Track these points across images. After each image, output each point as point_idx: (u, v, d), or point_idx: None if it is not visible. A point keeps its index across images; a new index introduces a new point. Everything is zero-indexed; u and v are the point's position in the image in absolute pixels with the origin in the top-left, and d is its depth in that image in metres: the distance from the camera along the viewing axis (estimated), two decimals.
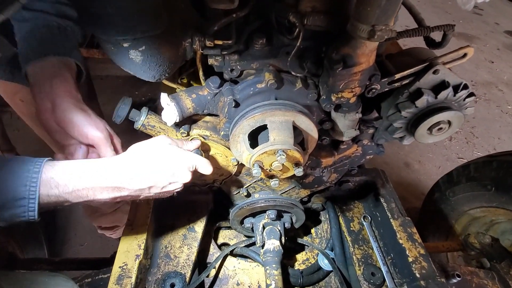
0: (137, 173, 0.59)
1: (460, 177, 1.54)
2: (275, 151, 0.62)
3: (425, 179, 2.50)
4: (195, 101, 0.73)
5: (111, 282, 0.79)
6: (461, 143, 2.86)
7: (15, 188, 0.50)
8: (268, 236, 1.02)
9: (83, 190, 0.56)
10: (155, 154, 0.62)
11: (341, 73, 0.58)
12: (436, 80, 0.68)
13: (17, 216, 0.52)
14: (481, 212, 1.52)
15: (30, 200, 0.51)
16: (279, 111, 0.63)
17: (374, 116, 0.86)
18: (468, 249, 1.53)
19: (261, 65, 0.69)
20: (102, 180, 0.57)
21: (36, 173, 0.52)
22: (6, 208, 0.50)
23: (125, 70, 0.61)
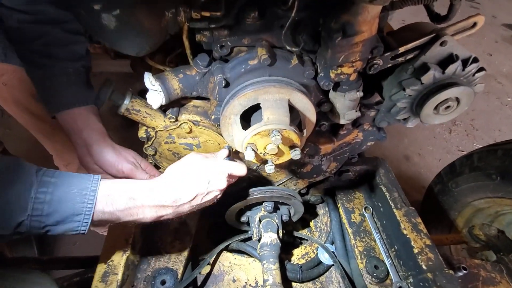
0: (177, 190, 0.64)
1: (463, 168, 1.49)
2: (269, 131, 0.56)
3: (426, 172, 2.46)
4: (183, 81, 0.67)
5: (95, 279, 0.73)
6: (461, 136, 2.82)
7: (74, 205, 0.55)
8: (264, 229, 0.96)
9: (133, 208, 0.61)
10: (189, 169, 0.67)
11: (341, 43, 0.53)
12: (443, 53, 0.63)
13: (70, 230, 0.56)
14: (485, 203, 1.47)
15: (85, 216, 0.56)
16: (273, 88, 0.58)
17: (376, 100, 0.81)
18: (473, 241, 1.48)
19: (253, 40, 0.64)
20: (150, 199, 0.63)
21: (94, 192, 0.57)
22: (64, 223, 0.55)
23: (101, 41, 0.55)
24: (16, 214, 0.51)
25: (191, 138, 0.80)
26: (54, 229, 0.55)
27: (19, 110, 1.21)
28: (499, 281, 1.13)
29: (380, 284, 0.89)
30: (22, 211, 0.51)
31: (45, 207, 0.52)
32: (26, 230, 0.52)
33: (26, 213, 0.51)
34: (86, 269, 1.07)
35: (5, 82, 1.11)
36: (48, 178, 0.54)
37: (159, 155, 0.85)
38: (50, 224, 0.54)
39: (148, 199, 0.62)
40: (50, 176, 0.55)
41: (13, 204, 0.51)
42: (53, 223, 0.54)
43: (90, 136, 0.78)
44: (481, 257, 1.46)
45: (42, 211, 0.52)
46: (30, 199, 0.51)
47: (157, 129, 0.77)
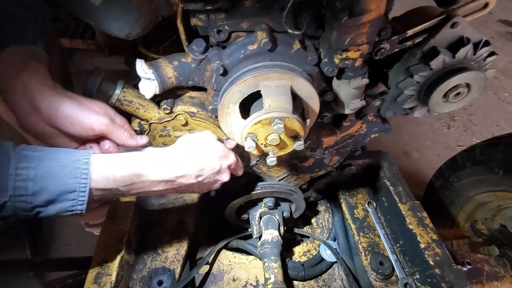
0: (189, 167, 0.58)
1: (465, 162, 1.47)
2: (271, 119, 0.53)
3: (425, 168, 2.44)
4: (178, 69, 0.63)
5: (87, 281, 0.69)
6: (460, 131, 2.81)
7: (65, 181, 0.47)
8: (265, 226, 0.93)
9: (139, 183, 0.54)
10: (204, 149, 0.61)
11: (347, 23, 0.49)
12: (454, 36, 0.59)
13: (65, 210, 0.49)
14: (488, 197, 1.45)
15: (80, 193, 0.48)
16: (275, 73, 0.54)
17: (379, 90, 0.78)
18: (475, 236, 1.46)
19: (252, 24, 0.60)
20: (158, 174, 0.55)
21: (86, 165, 0.49)
22: (55, 203, 0.48)
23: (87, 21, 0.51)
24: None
25: (187, 131, 0.76)
26: (46, 210, 0.47)
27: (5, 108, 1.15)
28: (503, 276, 1.11)
29: (386, 281, 0.86)
30: (3, 191, 0.43)
31: (29, 185, 0.45)
32: (11, 213, 0.45)
33: (7, 193, 0.44)
34: (80, 271, 1.02)
35: None
36: (29, 152, 0.46)
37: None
38: (39, 204, 0.46)
39: (157, 173, 0.55)
40: (32, 150, 0.47)
41: None
42: (42, 203, 0.46)
43: (32, 82, 0.55)
44: (483, 252, 1.44)
45: (27, 190, 0.45)
46: (9, 176, 0.44)
47: (151, 121, 0.73)
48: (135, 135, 0.67)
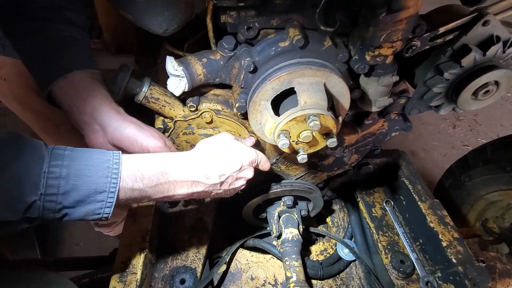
0: (211, 168, 0.59)
1: (476, 161, 1.47)
2: (306, 116, 0.53)
3: (432, 167, 2.45)
4: (206, 66, 0.63)
5: (113, 280, 0.68)
6: (465, 131, 2.82)
7: (96, 180, 0.46)
8: (285, 224, 0.92)
9: (165, 184, 0.54)
10: (225, 150, 0.62)
11: (385, 20, 0.49)
12: (485, 34, 0.59)
13: (92, 214, 0.48)
14: (498, 196, 1.45)
15: (109, 194, 0.47)
16: (309, 70, 0.54)
17: (401, 89, 0.78)
18: (487, 234, 1.46)
19: (283, 21, 0.60)
20: (183, 174, 0.56)
21: (117, 164, 0.49)
22: (84, 204, 0.46)
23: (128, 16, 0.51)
24: (26, 193, 0.42)
25: (211, 128, 0.75)
26: (73, 212, 0.46)
27: (20, 107, 1.15)
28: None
29: (407, 279, 0.86)
30: (33, 189, 0.42)
31: (61, 183, 0.43)
32: (38, 215, 0.43)
33: (38, 191, 0.42)
34: (96, 270, 1.02)
35: (4, 76, 1.05)
36: (60, 151, 0.46)
37: (176, 147, 0.80)
38: (67, 205, 0.45)
39: (181, 173, 0.56)
40: (63, 149, 0.46)
41: (20, 180, 0.41)
42: (71, 204, 0.45)
43: (99, 107, 0.61)
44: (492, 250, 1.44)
45: (58, 189, 0.43)
46: (42, 173, 0.42)
47: (175, 119, 0.72)
48: None
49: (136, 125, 0.64)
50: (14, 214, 0.42)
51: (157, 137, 0.65)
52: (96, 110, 0.61)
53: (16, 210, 0.42)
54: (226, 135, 0.66)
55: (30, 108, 1.13)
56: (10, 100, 1.10)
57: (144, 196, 0.53)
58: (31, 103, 1.11)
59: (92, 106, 0.61)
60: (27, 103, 1.11)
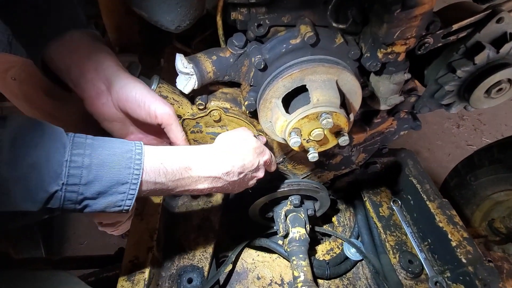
0: (233, 163, 0.58)
1: (483, 160, 1.46)
2: (318, 114, 0.52)
3: (436, 167, 2.44)
4: (216, 64, 0.62)
5: (121, 278, 0.68)
6: (469, 130, 2.80)
7: (119, 171, 0.44)
8: (292, 224, 0.92)
9: (187, 179, 0.53)
10: (244, 146, 0.61)
11: (399, 16, 0.48)
12: (498, 31, 0.59)
13: (113, 205, 0.46)
14: (505, 196, 1.44)
15: (132, 185, 0.46)
16: (321, 67, 0.53)
17: (409, 87, 0.77)
18: (493, 235, 1.45)
19: (293, 18, 0.59)
20: (206, 170, 0.55)
21: (139, 155, 0.47)
22: (106, 195, 0.44)
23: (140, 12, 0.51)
24: (47, 182, 0.40)
25: (219, 127, 0.75)
26: (94, 203, 0.44)
27: (29, 107, 1.15)
28: None
29: (415, 279, 0.85)
30: (55, 178, 0.40)
31: (83, 173, 0.42)
32: (59, 206, 0.42)
33: (60, 180, 0.40)
34: (102, 269, 1.02)
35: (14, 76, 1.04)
36: (82, 139, 0.44)
37: None
38: (89, 196, 0.43)
39: (204, 169, 0.55)
40: (85, 138, 0.44)
41: (42, 168, 0.39)
42: (93, 195, 0.43)
43: (106, 62, 0.56)
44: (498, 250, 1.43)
45: (81, 179, 0.42)
46: (64, 162, 0.40)
47: (184, 117, 0.72)
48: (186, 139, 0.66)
49: (145, 86, 0.59)
50: (34, 204, 0.40)
51: (166, 103, 0.61)
52: (101, 65, 0.56)
53: (37, 200, 0.40)
54: (246, 131, 0.65)
55: (39, 108, 1.12)
56: (19, 99, 1.10)
57: (165, 190, 0.52)
58: (41, 103, 1.11)
59: (96, 61, 0.55)
60: (36, 103, 1.11)
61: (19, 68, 1.00)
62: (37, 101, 1.08)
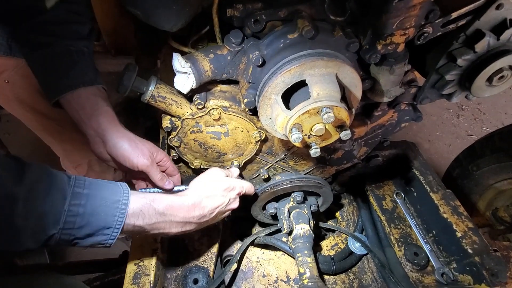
0: (203, 208, 0.68)
1: (484, 149, 1.46)
2: (319, 109, 0.51)
3: (437, 158, 2.44)
4: (214, 62, 0.62)
5: (126, 282, 0.68)
6: (469, 120, 2.80)
7: (106, 218, 0.54)
8: (296, 220, 0.91)
9: (162, 223, 0.62)
10: (214, 187, 0.70)
11: (398, 6, 0.48)
12: (498, 18, 0.58)
13: (97, 243, 0.55)
14: (508, 185, 1.44)
15: (115, 229, 0.55)
16: (320, 61, 0.52)
17: (408, 79, 0.76)
18: (498, 224, 1.45)
19: (290, 12, 0.58)
20: (178, 216, 0.64)
21: (125, 205, 0.56)
22: (93, 236, 0.53)
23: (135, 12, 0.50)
24: (48, 227, 0.48)
25: (219, 126, 0.74)
26: (82, 242, 0.53)
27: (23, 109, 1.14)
28: None
29: (421, 271, 0.85)
30: (54, 224, 0.49)
31: (77, 220, 0.51)
32: (54, 243, 0.50)
33: (58, 226, 0.49)
34: (107, 273, 1.02)
35: (7, 79, 1.03)
36: (80, 189, 0.53)
37: (184, 146, 0.79)
38: (79, 237, 0.52)
39: (177, 215, 0.64)
40: (82, 187, 0.53)
41: (46, 217, 0.48)
42: (82, 236, 0.52)
43: (102, 124, 0.71)
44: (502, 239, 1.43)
45: (74, 224, 0.51)
46: (63, 212, 0.49)
47: (183, 117, 0.71)
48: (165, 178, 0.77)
49: (130, 143, 0.72)
50: (35, 244, 0.49)
51: (146, 156, 0.73)
52: (99, 127, 0.70)
53: (38, 241, 0.49)
54: (217, 172, 0.74)
55: (33, 110, 1.11)
56: (11, 102, 1.09)
57: (142, 231, 0.61)
58: (35, 104, 1.10)
59: (96, 123, 0.70)
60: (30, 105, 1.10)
61: (12, 70, 0.99)
62: (31, 102, 1.08)
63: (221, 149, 0.81)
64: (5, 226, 0.45)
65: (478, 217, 1.53)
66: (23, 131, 1.26)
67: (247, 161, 0.86)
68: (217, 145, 0.79)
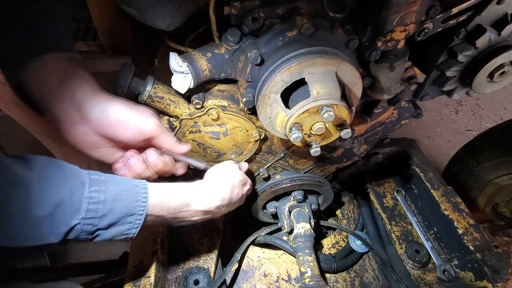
0: (224, 198, 0.66)
1: (484, 145, 1.45)
2: (319, 108, 0.51)
3: (436, 154, 2.44)
4: (211, 61, 0.61)
5: (126, 284, 0.67)
6: (468, 116, 2.79)
7: (129, 204, 0.50)
8: (296, 219, 0.91)
9: (185, 212, 0.60)
10: (232, 181, 0.68)
11: (398, 1, 0.47)
12: (498, 13, 0.57)
13: (120, 234, 0.51)
14: (508, 180, 1.44)
15: (138, 216, 0.51)
16: (320, 59, 0.51)
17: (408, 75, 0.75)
18: (498, 219, 1.45)
19: (289, 10, 0.57)
20: (201, 204, 0.62)
21: (145, 189, 0.53)
22: (116, 225, 0.50)
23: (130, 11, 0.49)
24: (69, 217, 0.45)
25: (218, 125, 0.73)
26: (104, 233, 0.49)
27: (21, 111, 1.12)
28: None
29: (423, 268, 0.85)
30: (76, 213, 0.45)
31: (99, 207, 0.47)
32: (75, 237, 0.46)
33: (80, 215, 0.45)
34: (107, 274, 1.01)
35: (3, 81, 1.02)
36: (96, 176, 0.49)
37: None
38: (102, 227, 0.48)
39: (200, 204, 0.61)
40: (98, 175, 0.49)
41: (65, 205, 0.44)
42: (105, 226, 0.48)
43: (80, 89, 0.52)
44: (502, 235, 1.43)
45: (97, 212, 0.47)
46: (84, 199, 0.45)
47: (181, 117, 0.70)
48: (179, 141, 0.66)
49: (124, 104, 0.56)
50: (56, 237, 0.45)
51: (150, 115, 0.59)
52: (75, 93, 0.52)
53: (59, 234, 0.45)
54: (232, 165, 0.72)
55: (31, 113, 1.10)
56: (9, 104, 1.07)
57: (164, 221, 0.58)
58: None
59: (70, 89, 0.52)
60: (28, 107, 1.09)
61: None
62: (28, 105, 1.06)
63: (220, 149, 0.80)
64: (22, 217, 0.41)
65: (478, 213, 1.53)
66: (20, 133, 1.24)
67: (247, 160, 0.86)
68: (216, 145, 0.78)
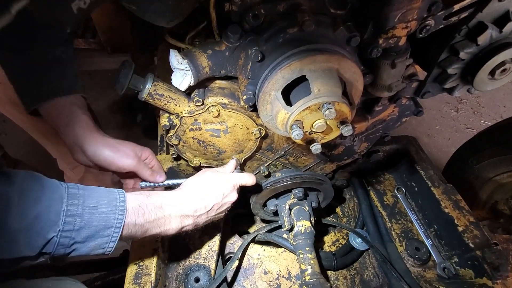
0: (197, 201, 0.67)
1: (484, 143, 1.45)
2: (320, 105, 0.50)
3: (436, 152, 2.44)
4: (212, 58, 0.60)
5: (127, 282, 0.67)
6: (468, 114, 2.79)
7: (106, 217, 0.51)
8: (296, 217, 0.91)
9: (161, 219, 0.61)
10: (206, 184, 0.71)
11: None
12: (500, 10, 0.57)
13: (97, 248, 0.53)
14: (507, 178, 1.44)
15: (115, 228, 0.52)
16: (321, 56, 0.51)
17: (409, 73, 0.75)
18: (497, 216, 1.45)
19: (289, 6, 0.57)
20: (175, 209, 0.64)
21: (123, 202, 0.54)
22: (92, 239, 0.51)
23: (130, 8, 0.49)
24: (46, 230, 0.46)
25: (218, 123, 0.73)
26: (81, 247, 0.51)
27: (17, 111, 1.12)
28: None
29: (423, 266, 0.85)
30: (53, 226, 0.46)
31: (77, 220, 0.49)
32: (52, 250, 0.48)
33: (57, 227, 0.47)
34: (108, 272, 1.01)
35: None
36: (75, 190, 0.51)
37: (183, 144, 0.78)
38: (79, 240, 0.50)
39: (174, 208, 0.63)
40: (77, 188, 0.51)
41: (42, 218, 0.46)
42: (82, 239, 0.50)
43: (78, 133, 0.69)
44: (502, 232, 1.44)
45: (74, 225, 0.48)
46: (61, 212, 0.47)
47: (181, 115, 0.70)
48: (156, 172, 0.77)
49: (111, 148, 0.70)
50: (32, 250, 0.46)
51: (131, 156, 0.71)
52: (76, 137, 0.69)
53: (36, 246, 0.46)
54: (207, 172, 0.74)
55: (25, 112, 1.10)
56: (5, 104, 1.07)
57: (143, 231, 0.59)
58: None
59: (73, 133, 0.69)
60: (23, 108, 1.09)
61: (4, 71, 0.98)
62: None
63: (221, 147, 0.80)
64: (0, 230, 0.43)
65: (477, 211, 1.54)
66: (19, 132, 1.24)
67: (247, 158, 0.86)
68: (217, 142, 0.78)
